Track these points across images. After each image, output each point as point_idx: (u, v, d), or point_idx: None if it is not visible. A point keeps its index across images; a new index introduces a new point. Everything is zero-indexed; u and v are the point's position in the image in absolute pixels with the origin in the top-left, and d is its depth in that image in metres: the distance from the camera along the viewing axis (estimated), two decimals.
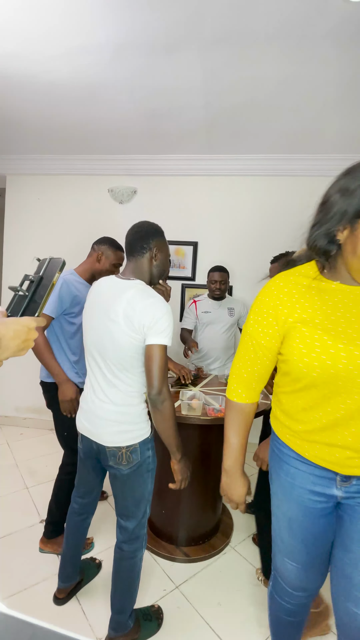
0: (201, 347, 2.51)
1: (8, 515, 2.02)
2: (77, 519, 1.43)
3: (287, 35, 1.59)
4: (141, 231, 1.25)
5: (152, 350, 1.11)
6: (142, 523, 1.27)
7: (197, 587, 1.60)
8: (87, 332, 1.24)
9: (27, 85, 2.08)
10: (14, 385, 3.36)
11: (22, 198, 3.31)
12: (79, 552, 1.47)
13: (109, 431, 1.19)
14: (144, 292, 1.15)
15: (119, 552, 1.28)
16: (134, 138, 2.69)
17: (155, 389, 1.11)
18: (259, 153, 2.83)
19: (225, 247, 3.04)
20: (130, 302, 1.12)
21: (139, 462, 1.21)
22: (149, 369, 1.12)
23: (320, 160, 2.80)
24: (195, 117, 2.34)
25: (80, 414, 1.29)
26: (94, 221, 3.14)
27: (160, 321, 1.11)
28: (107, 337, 1.16)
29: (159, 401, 1.12)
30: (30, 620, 0.42)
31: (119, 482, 1.23)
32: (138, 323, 1.11)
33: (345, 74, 1.82)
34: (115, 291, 1.18)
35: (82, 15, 1.53)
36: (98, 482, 1.40)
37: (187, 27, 1.57)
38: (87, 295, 1.30)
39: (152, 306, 1.11)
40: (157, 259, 1.26)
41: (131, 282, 1.19)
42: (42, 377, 1.72)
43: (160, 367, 1.11)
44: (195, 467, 1.76)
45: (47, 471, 2.50)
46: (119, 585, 1.28)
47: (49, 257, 0.70)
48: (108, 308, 1.16)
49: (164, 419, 1.14)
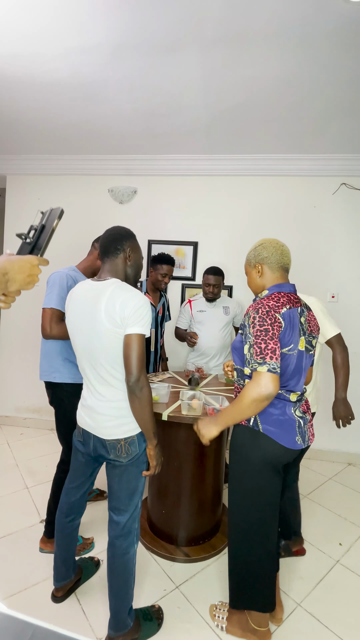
0: (198, 346, 2.52)
1: (8, 515, 2.02)
2: (65, 520, 1.44)
3: (287, 35, 1.59)
4: (115, 234, 1.30)
5: (130, 339, 1.15)
6: (133, 516, 1.29)
7: (198, 587, 1.60)
8: (75, 336, 1.28)
9: (27, 85, 2.08)
10: (14, 385, 3.36)
11: (22, 198, 3.31)
12: (72, 552, 1.47)
13: (107, 425, 1.24)
14: (122, 287, 1.20)
15: (112, 550, 1.29)
16: (133, 138, 2.70)
17: (134, 377, 1.15)
18: (258, 153, 2.83)
19: (225, 247, 3.05)
20: (110, 299, 1.17)
21: (138, 453, 1.25)
22: (127, 357, 1.16)
23: (320, 160, 2.80)
24: (195, 117, 2.34)
25: (81, 409, 1.34)
26: (94, 221, 3.14)
27: (138, 312, 1.15)
28: (95, 338, 1.20)
29: (138, 388, 1.16)
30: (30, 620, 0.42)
31: (117, 472, 1.26)
32: (119, 317, 1.15)
33: (345, 74, 1.82)
34: (95, 292, 1.22)
35: (82, 15, 1.53)
36: (88, 477, 1.42)
37: (186, 27, 1.58)
38: (67, 301, 1.34)
39: (131, 298, 1.16)
40: (131, 259, 1.31)
41: (108, 282, 1.23)
42: (42, 376, 1.73)
43: (139, 355, 1.15)
44: (194, 467, 1.77)
45: (47, 471, 2.50)
46: (115, 583, 1.28)
47: (50, 207, 0.79)
48: (91, 309, 1.20)
49: (142, 405, 1.18)
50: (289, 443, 1.19)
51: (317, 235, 2.91)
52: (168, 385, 1.84)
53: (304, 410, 1.29)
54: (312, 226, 2.92)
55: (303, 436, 1.24)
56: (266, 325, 1.12)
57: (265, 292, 1.27)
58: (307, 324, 1.25)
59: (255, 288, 1.33)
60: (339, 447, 2.95)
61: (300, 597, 1.58)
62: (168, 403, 1.72)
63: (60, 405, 1.71)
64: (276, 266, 1.28)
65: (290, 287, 1.27)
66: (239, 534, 1.30)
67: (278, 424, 1.20)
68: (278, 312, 1.15)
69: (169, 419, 1.57)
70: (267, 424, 1.20)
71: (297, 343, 1.20)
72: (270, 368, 1.08)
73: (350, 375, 1.72)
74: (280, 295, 1.21)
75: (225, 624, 1.38)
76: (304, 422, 1.26)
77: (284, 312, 1.16)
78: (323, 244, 2.91)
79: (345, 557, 1.85)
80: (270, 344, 1.10)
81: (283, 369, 1.18)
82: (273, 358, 1.09)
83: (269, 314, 1.14)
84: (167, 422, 1.61)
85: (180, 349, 3.04)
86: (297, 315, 1.21)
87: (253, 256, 1.32)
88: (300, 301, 1.27)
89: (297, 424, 1.22)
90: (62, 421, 1.72)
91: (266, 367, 1.09)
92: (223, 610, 1.43)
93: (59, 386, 1.69)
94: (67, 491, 1.44)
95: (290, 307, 1.19)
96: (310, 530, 2.02)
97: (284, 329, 1.15)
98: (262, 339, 1.11)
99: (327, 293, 2.91)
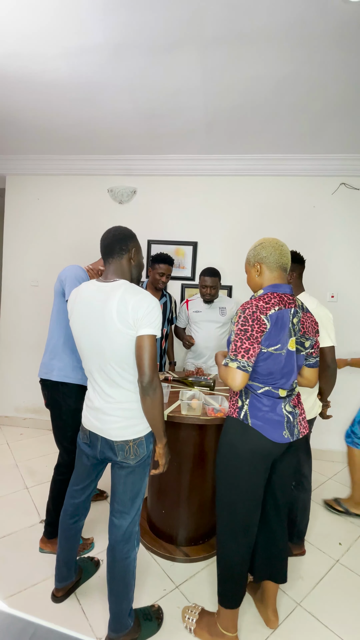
0: (195, 346, 2.55)
1: (8, 516, 2.02)
2: (69, 521, 1.43)
3: (287, 35, 1.59)
4: (119, 234, 1.29)
5: (143, 341, 1.16)
6: (134, 520, 1.29)
7: (197, 587, 1.60)
8: (81, 338, 1.27)
9: (26, 85, 2.08)
10: (14, 386, 3.36)
11: (22, 198, 3.31)
12: (74, 553, 1.47)
13: (115, 426, 1.23)
14: (133, 289, 1.21)
15: (112, 554, 1.28)
16: (133, 138, 2.70)
17: (147, 377, 1.16)
18: (258, 153, 2.83)
19: (225, 247, 3.05)
20: (121, 300, 1.17)
21: (145, 455, 1.26)
22: (140, 358, 1.16)
23: (320, 160, 2.80)
24: (194, 117, 2.34)
25: (87, 411, 1.33)
26: (94, 221, 3.15)
27: (151, 313, 1.16)
28: (105, 339, 1.19)
29: (152, 389, 1.17)
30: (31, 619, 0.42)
31: (124, 473, 1.26)
32: (132, 318, 1.15)
33: (345, 73, 1.83)
34: (104, 294, 1.21)
35: (81, 15, 1.53)
36: (93, 479, 1.42)
37: (186, 27, 1.58)
38: (71, 303, 1.31)
39: (143, 300, 1.17)
40: (135, 260, 1.32)
41: (117, 283, 1.23)
42: (40, 374, 1.70)
43: (151, 356, 1.16)
44: (194, 466, 1.77)
45: (47, 471, 2.50)
46: (115, 586, 1.27)
47: None
48: (101, 311, 1.19)
49: (154, 405, 1.19)
50: (276, 437, 1.23)
51: (317, 235, 2.91)
52: (167, 385, 1.84)
53: (295, 404, 1.31)
54: (312, 226, 2.92)
55: (291, 430, 1.27)
56: (247, 326, 1.18)
57: (260, 292, 1.29)
58: (300, 325, 1.27)
59: (254, 287, 1.35)
60: (338, 447, 2.95)
61: (300, 596, 1.58)
62: (167, 403, 1.72)
63: (57, 405, 1.69)
64: (274, 266, 1.29)
65: (287, 288, 1.29)
66: (224, 527, 1.32)
67: (266, 419, 1.24)
68: (265, 313, 1.18)
69: (168, 418, 1.57)
70: (256, 418, 1.24)
71: (285, 343, 1.22)
72: (240, 365, 1.17)
73: (350, 377, 1.73)
74: (272, 296, 1.23)
75: (194, 625, 1.39)
76: (294, 417, 1.29)
77: (272, 313, 1.19)
78: (323, 244, 2.91)
79: (345, 556, 1.85)
80: (246, 343, 1.17)
81: (270, 367, 1.22)
82: (245, 357, 1.17)
83: (254, 315, 1.18)
84: (166, 422, 1.60)
85: (179, 350, 3.04)
86: (289, 316, 1.23)
87: (252, 255, 1.34)
88: (295, 302, 1.28)
89: (285, 419, 1.25)
90: (59, 424, 1.71)
91: (236, 364, 1.18)
92: (194, 612, 1.43)
93: (58, 385, 1.67)
94: (72, 493, 1.43)
95: (280, 308, 1.21)
96: (311, 530, 2.02)
97: (268, 330, 1.18)
98: (239, 338, 1.19)
99: (326, 293, 2.92)
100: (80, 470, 1.41)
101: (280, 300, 1.23)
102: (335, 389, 1.89)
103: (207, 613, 1.42)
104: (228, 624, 1.33)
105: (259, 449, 1.24)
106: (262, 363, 1.22)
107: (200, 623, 1.38)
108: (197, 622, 1.39)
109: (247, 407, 1.26)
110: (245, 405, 1.27)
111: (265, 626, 1.42)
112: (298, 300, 1.32)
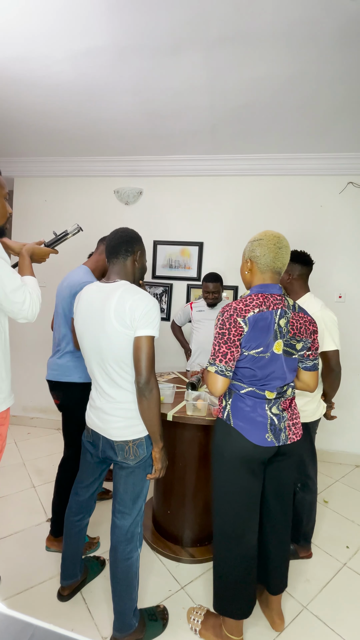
0: (196, 346, 2.60)
1: (15, 514, 2.04)
2: (74, 519, 1.44)
3: (292, 35, 1.58)
4: (125, 236, 1.30)
5: (140, 341, 1.16)
6: (136, 521, 1.29)
7: (203, 588, 1.60)
8: (83, 339, 1.28)
9: (33, 88, 2.10)
10: (22, 385, 3.39)
11: (30, 200, 3.35)
12: (79, 552, 1.48)
13: (116, 426, 1.24)
14: (131, 289, 1.21)
15: (115, 554, 1.28)
16: (139, 139, 2.70)
17: (144, 378, 1.16)
18: (264, 153, 2.81)
19: (231, 247, 3.03)
20: (120, 300, 1.18)
21: (145, 456, 1.25)
22: (137, 359, 1.16)
23: (327, 159, 2.77)
24: (200, 118, 2.34)
25: (90, 410, 1.35)
26: (100, 222, 3.16)
27: (149, 314, 1.16)
28: (104, 339, 1.20)
29: (148, 390, 1.16)
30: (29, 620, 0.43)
31: (124, 474, 1.26)
32: (129, 318, 1.15)
33: (351, 73, 1.81)
34: (105, 294, 1.23)
35: (87, 17, 1.54)
36: (97, 477, 1.42)
37: (191, 28, 1.58)
38: (76, 304, 1.34)
39: (141, 300, 1.17)
40: (139, 262, 1.33)
41: (117, 283, 1.24)
42: (49, 376, 1.73)
43: (149, 356, 1.16)
44: (199, 467, 1.76)
45: (53, 470, 2.51)
46: (118, 587, 1.28)
47: (77, 225, 1.47)
48: (101, 311, 1.21)
49: (151, 407, 1.19)
50: (258, 439, 1.19)
51: (324, 235, 2.88)
52: (173, 386, 1.84)
53: (284, 407, 1.25)
54: (319, 226, 2.90)
55: (276, 434, 1.21)
56: (224, 329, 1.16)
57: (247, 292, 1.26)
58: (290, 327, 1.21)
59: (244, 282, 1.31)
60: (346, 449, 2.91)
61: (307, 599, 1.57)
62: (173, 403, 1.72)
63: (69, 405, 1.70)
64: (265, 268, 1.23)
65: (275, 289, 1.23)
66: (217, 532, 1.30)
67: (247, 419, 1.21)
68: (242, 316, 1.15)
69: (174, 419, 1.57)
70: (238, 418, 1.22)
71: (269, 346, 1.17)
72: (218, 370, 1.17)
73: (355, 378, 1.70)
74: (256, 297, 1.19)
75: (199, 627, 1.38)
76: (280, 420, 1.23)
77: (250, 316, 1.15)
78: (330, 244, 2.88)
79: (352, 560, 1.83)
80: (223, 347, 1.16)
81: (253, 370, 1.19)
82: (223, 361, 1.16)
83: (232, 318, 1.16)
84: (172, 423, 1.61)
85: (179, 350, 3.03)
86: (274, 317, 1.17)
87: (248, 249, 1.28)
88: (284, 303, 1.21)
89: (268, 421, 1.21)
90: (71, 421, 1.71)
91: (214, 369, 1.18)
92: (200, 613, 1.42)
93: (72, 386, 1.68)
94: (77, 490, 1.45)
95: (261, 310, 1.16)
96: (317, 532, 2.00)
97: (246, 332, 1.15)
98: (217, 342, 1.18)
99: (334, 293, 2.89)
100: (84, 468, 1.43)
101: (263, 301, 1.17)
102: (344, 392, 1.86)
103: (212, 615, 1.41)
104: (233, 627, 1.31)
105: (241, 451, 1.21)
106: (243, 366, 1.19)
107: (206, 624, 1.38)
108: (203, 623, 1.38)
109: (229, 407, 1.24)
110: (228, 405, 1.25)
111: (271, 629, 1.41)
112: (289, 300, 1.25)
